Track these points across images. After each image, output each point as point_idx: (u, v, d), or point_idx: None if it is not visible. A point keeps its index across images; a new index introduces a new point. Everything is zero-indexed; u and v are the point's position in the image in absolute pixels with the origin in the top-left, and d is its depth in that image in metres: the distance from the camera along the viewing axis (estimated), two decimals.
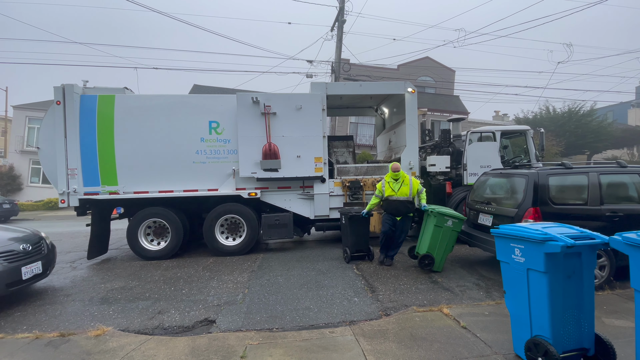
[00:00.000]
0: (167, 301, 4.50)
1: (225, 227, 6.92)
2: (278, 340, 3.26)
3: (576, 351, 2.55)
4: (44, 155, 6.42)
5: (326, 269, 5.69)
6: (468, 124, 20.73)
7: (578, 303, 2.56)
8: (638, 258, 2.19)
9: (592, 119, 23.56)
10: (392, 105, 8.94)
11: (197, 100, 6.85)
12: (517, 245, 2.70)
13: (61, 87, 6.30)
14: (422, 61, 25.35)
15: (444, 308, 3.85)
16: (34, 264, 4.56)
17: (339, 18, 14.60)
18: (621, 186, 4.87)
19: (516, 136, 8.04)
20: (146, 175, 6.55)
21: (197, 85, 21.65)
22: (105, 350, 3.15)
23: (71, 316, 4.12)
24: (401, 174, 5.67)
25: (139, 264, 6.37)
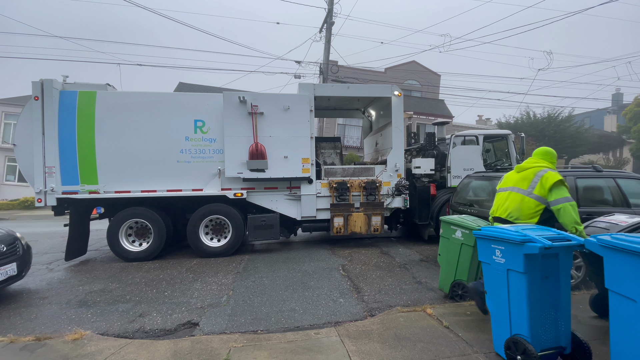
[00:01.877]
0: (149, 304, 4.40)
1: (210, 228, 6.82)
2: (263, 342, 3.24)
3: (553, 349, 2.64)
4: (20, 153, 6.18)
5: (312, 270, 5.68)
6: (452, 127, 21.14)
7: (555, 303, 2.64)
8: (612, 259, 2.28)
9: (570, 125, 24.45)
10: (379, 108, 9.03)
11: (183, 99, 6.74)
12: (497, 247, 2.77)
13: (39, 82, 6.08)
14: (408, 65, 25.71)
15: (427, 308, 3.91)
16: (9, 266, 4.38)
17: (327, 20, 14.66)
18: (597, 190, 5.06)
19: (498, 140, 8.25)
20: (128, 174, 6.39)
21: (182, 83, 21.30)
22: (83, 355, 3.05)
23: (47, 319, 3.97)
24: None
25: (120, 266, 6.21)
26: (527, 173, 3.44)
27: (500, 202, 3.59)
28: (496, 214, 3.60)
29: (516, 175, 3.53)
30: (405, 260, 6.27)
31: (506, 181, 3.66)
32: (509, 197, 3.49)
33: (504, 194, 3.59)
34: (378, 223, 7.17)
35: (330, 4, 14.43)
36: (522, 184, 3.41)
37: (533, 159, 3.55)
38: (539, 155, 3.58)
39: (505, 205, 3.48)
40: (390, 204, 7.45)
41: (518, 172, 3.55)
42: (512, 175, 3.62)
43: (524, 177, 3.43)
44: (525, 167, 3.51)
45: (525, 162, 3.58)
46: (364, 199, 7.24)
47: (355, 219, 7.09)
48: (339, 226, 7.06)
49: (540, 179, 3.28)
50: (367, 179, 7.31)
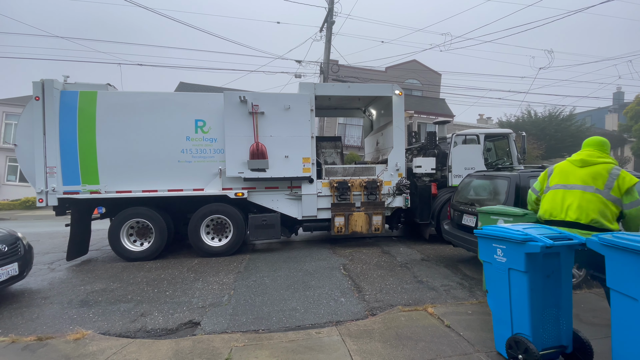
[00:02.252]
0: (150, 303, 4.40)
1: (211, 228, 6.83)
2: (264, 341, 3.24)
3: (555, 348, 2.63)
4: (21, 153, 6.19)
5: (313, 270, 5.69)
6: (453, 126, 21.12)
7: (557, 302, 2.64)
8: (613, 258, 2.28)
9: (571, 124, 24.41)
10: (379, 107, 9.02)
11: (183, 98, 6.74)
12: (499, 246, 2.77)
13: (40, 82, 6.09)
14: (409, 64, 25.68)
15: (428, 307, 3.91)
16: (10, 266, 4.39)
17: (328, 19, 14.64)
18: None
19: (499, 139, 8.24)
20: (129, 174, 6.40)
21: (183, 82, 21.31)
22: (84, 354, 3.06)
23: (49, 319, 3.98)
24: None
25: (121, 266, 6.22)
26: (598, 169, 2.92)
27: (558, 202, 3.02)
28: (558, 216, 3.00)
29: (581, 171, 2.98)
30: (406, 259, 6.27)
31: (565, 176, 3.05)
32: (578, 196, 2.92)
33: (563, 192, 3.01)
34: (379, 222, 7.17)
35: (331, 3, 14.42)
36: (595, 182, 2.89)
37: (595, 152, 3.03)
38: (597, 146, 3.07)
39: (575, 206, 2.92)
40: (391, 203, 7.45)
41: (581, 166, 3.00)
42: (572, 169, 3.05)
43: (594, 174, 2.91)
44: (591, 162, 2.97)
45: (584, 154, 3.06)
46: (365, 198, 7.24)
47: (356, 218, 7.09)
48: (340, 226, 7.06)
49: (617, 179, 2.86)
50: (368, 179, 7.31)
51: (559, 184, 3.09)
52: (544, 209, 3.18)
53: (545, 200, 3.19)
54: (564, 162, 3.18)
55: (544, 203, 3.20)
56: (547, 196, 3.17)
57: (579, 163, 3.04)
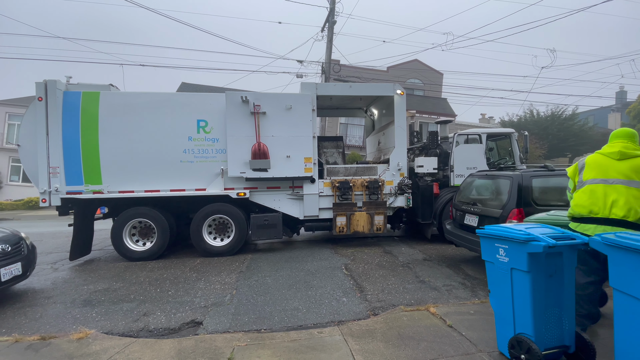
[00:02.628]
0: (153, 303, 4.42)
1: (213, 228, 6.84)
2: (266, 341, 3.25)
3: (557, 348, 2.63)
4: (24, 153, 6.23)
5: (315, 270, 5.69)
6: (455, 126, 21.09)
7: (559, 302, 2.63)
8: (616, 258, 2.27)
9: (573, 123, 24.32)
10: (381, 107, 9.01)
11: (185, 99, 6.76)
12: (501, 245, 2.76)
13: (43, 82, 6.12)
14: (411, 64, 25.64)
15: (430, 307, 3.90)
16: (14, 265, 4.42)
17: (329, 19, 14.64)
18: None
19: (501, 139, 8.22)
20: (132, 174, 6.42)
21: (185, 83, 21.37)
22: (88, 354, 3.07)
23: (52, 319, 4.00)
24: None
25: (124, 265, 6.24)
26: (637, 162, 2.73)
27: (600, 198, 2.76)
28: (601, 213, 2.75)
29: (620, 164, 2.75)
30: (408, 259, 6.27)
31: (603, 170, 2.81)
32: (623, 191, 2.69)
33: (604, 187, 2.75)
34: (381, 222, 7.16)
35: (332, 3, 14.41)
36: (636, 176, 2.68)
37: (629, 144, 2.84)
38: (630, 138, 2.89)
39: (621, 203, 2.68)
40: (393, 203, 7.44)
41: (619, 159, 2.78)
42: (609, 162, 2.82)
43: (637, 168, 2.70)
44: (630, 154, 2.76)
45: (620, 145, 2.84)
46: (367, 198, 7.23)
47: (358, 218, 7.09)
48: (342, 225, 7.06)
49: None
50: (370, 178, 7.30)
51: (597, 178, 2.82)
52: (580, 205, 2.88)
53: (580, 196, 2.90)
54: (597, 155, 2.95)
55: (578, 199, 2.90)
56: (583, 191, 2.89)
57: (617, 155, 2.80)
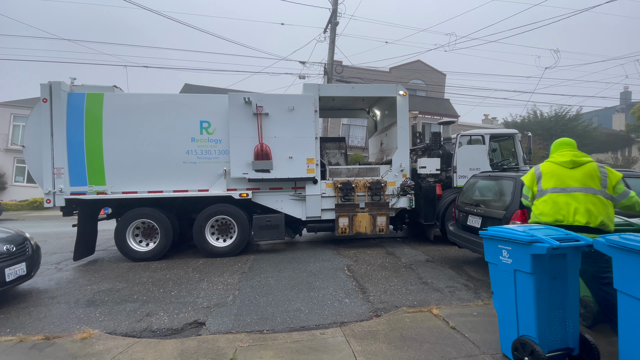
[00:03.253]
0: (156, 303, 4.44)
1: (215, 228, 6.86)
2: (268, 342, 3.25)
3: (561, 351, 2.61)
4: (29, 154, 6.28)
5: (317, 270, 5.69)
6: (458, 127, 21.03)
7: (563, 303, 2.62)
8: (620, 259, 2.26)
9: (577, 124, 24.20)
10: (383, 108, 9.01)
11: (188, 100, 6.79)
12: (504, 247, 2.75)
13: (48, 84, 6.17)
14: (413, 64, 25.61)
15: (433, 309, 3.89)
16: (18, 265, 4.45)
17: (332, 20, 14.66)
18: None
19: (505, 139, 8.18)
20: (135, 175, 6.45)
21: (188, 84, 21.48)
22: (91, 354, 3.09)
23: (56, 319, 4.03)
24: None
25: (127, 266, 6.27)
26: (589, 169, 2.92)
27: (562, 206, 2.93)
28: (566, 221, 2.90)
29: (574, 172, 2.95)
30: (410, 260, 6.25)
31: (560, 179, 2.99)
32: (582, 199, 2.87)
33: (564, 196, 2.93)
34: (383, 223, 7.15)
35: (335, 4, 14.43)
36: (593, 183, 2.89)
37: (576, 151, 3.07)
38: (574, 145, 3.13)
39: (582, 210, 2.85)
40: (395, 204, 7.42)
41: (572, 167, 2.97)
42: (563, 170, 3.00)
43: (590, 174, 2.90)
44: (580, 162, 2.96)
45: (570, 154, 3.04)
46: (369, 199, 7.23)
47: (360, 219, 7.08)
48: (344, 226, 7.05)
49: (607, 177, 2.91)
50: (372, 179, 7.29)
51: (556, 187, 3.00)
52: (545, 214, 3.02)
53: (543, 205, 3.05)
54: (550, 164, 3.13)
55: (542, 208, 3.06)
56: (546, 201, 3.05)
57: (570, 164, 3.00)
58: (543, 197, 3.07)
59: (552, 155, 3.20)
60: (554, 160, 3.11)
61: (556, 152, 3.18)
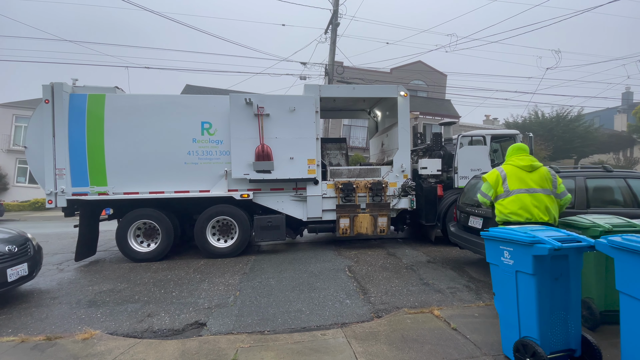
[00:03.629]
0: (157, 304, 4.44)
1: (216, 229, 6.87)
2: (269, 342, 3.25)
3: (563, 352, 2.60)
4: (31, 155, 6.30)
5: (318, 271, 5.68)
6: (459, 127, 21.01)
7: (565, 305, 2.61)
8: (623, 261, 2.25)
9: (579, 124, 24.11)
10: (384, 109, 9.01)
11: (190, 101, 6.80)
12: (506, 248, 2.74)
13: (50, 85, 6.19)
14: (414, 65, 25.62)
15: (434, 310, 3.88)
16: (20, 266, 4.46)
17: (332, 21, 14.67)
18: (607, 190, 4.98)
19: (506, 140, 8.17)
20: (136, 175, 6.47)
21: (189, 85, 21.52)
22: (92, 354, 3.09)
23: (58, 319, 4.03)
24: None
25: (128, 266, 6.28)
26: (543, 173, 3.33)
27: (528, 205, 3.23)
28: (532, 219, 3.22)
29: (533, 175, 3.31)
30: (412, 261, 6.24)
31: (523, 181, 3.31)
32: (543, 199, 3.23)
33: (529, 196, 3.25)
34: (384, 224, 7.14)
35: (336, 5, 14.45)
36: (548, 184, 3.30)
37: (530, 156, 3.45)
38: (528, 151, 3.53)
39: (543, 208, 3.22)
40: (396, 204, 7.42)
41: (530, 171, 3.34)
42: (523, 174, 3.33)
43: (544, 177, 3.31)
44: (536, 166, 3.37)
45: (528, 159, 3.41)
46: (370, 199, 7.22)
47: (361, 219, 7.08)
48: (345, 227, 7.05)
49: (556, 179, 3.37)
50: (373, 180, 7.29)
51: (522, 188, 3.31)
52: (515, 213, 3.29)
53: (512, 204, 3.32)
54: (512, 167, 3.42)
55: (511, 207, 3.32)
56: (514, 200, 3.32)
57: (529, 168, 3.37)
58: (510, 197, 3.34)
59: (510, 158, 3.53)
60: (515, 164, 3.42)
61: (514, 156, 3.51)
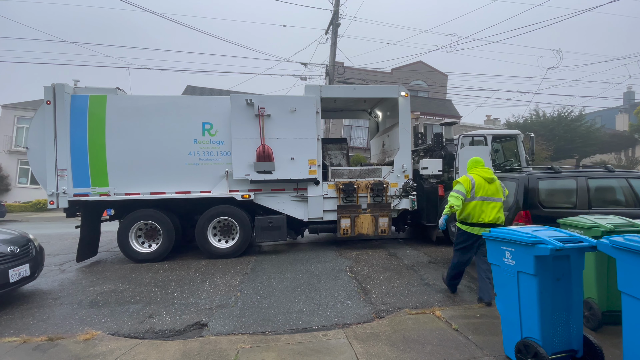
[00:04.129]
0: (158, 304, 4.44)
1: (217, 230, 6.87)
2: (271, 343, 3.25)
3: (565, 353, 2.59)
4: (33, 156, 6.31)
5: (319, 272, 5.68)
6: (460, 127, 20.97)
7: (567, 305, 2.60)
8: (625, 261, 2.24)
9: (580, 124, 24.04)
10: (385, 109, 9.00)
11: (191, 102, 6.81)
12: (507, 248, 2.74)
13: (51, 86, 6.21)
14: (415, 65, 25.61)
15: (436, 310, 3.88)
16: (22, 267, 4.47)
17: (333, 21, 14.68)
18: (609, 190, 4.97)
19: (507, 140, 8.15)
20: (138, 176, 6.47)
21: (190, 86, 21.55)
22: (94, 355, 3.10)
23: (59, 320, 4.04)
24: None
25: (130, 267, 6.29)
26: (497, 184, 4.15)
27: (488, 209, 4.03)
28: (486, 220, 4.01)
29: (492, 186, 4.10)
30: (413, 261, 6.24)
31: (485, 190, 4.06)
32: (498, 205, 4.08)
33: (488, 203, 4.05)
34: (385, 224, 7.14)
35: (336, 5, 14.45)
36: (501, 194, 4.14)
37: (489, 170, 4.20)
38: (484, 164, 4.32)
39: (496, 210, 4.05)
40: (397, 205, 7.41)
41: (490, 182, 4.09)
42: (485, 184, 4.08)
43: (499, 188, 4.15)
44: (494, 179, 4.16)
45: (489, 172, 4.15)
46: (371, 200, 7.22)
47: (362, 220, 7.07)
48: (346, 227, 7.05)
49: (505, 189, 4.26)
50: (374, 180, 7.29)
51: (484, 196, 4.06)
52: (472, 214, 4.07)
53: (475, 207, 4.06)
54: (478, 177, 4.11)
55: (472, 209, 4.07)
56: (477, 204, 4.05)
57: (490, 180, 4.11)
58: (473, 202, 4.06)
59: (475, 169, 4.21)
60: (482, 175, 4.12)
61: (478, 168, 4.22)
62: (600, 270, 3.31)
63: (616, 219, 3.47)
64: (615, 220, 3.44)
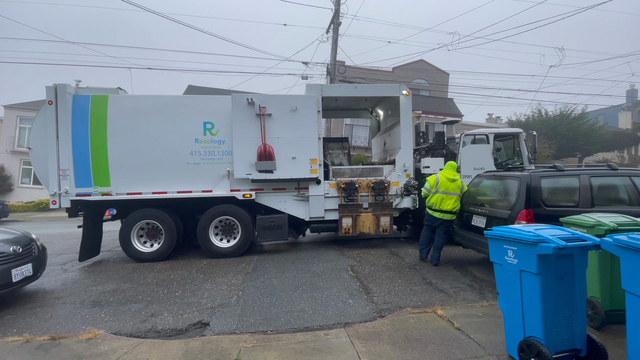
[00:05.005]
0: (160, 304, 4.45)
1: (219, 229, 6.88)
2: (272, 342, 3.25)
3: (568, 352, 2.58)
4: (35, 156, 6.33)
5: (321, 271, 5.68)
6: (462, 126, 20.91)
7: (570, 304, 2.59)
8: (629, 260, 2.23)
9: (583, 122, 23.95)
10: (387, 108, 8.98)
11: (192, 101, 6.81)
12: (510, 247, 2.73)
13: (53, 86, 6.22)
14: (416, 64, 25.52)
15: (438, 309, 3.87)
16: (25, 266, 4.49)
17: (334, 20, 14.65)
18: (612, 188, 4.94)
19: (509, 139, 8.12)
20: (139, 176, 6.49)
21: (191, 85, 21.55)
22: (96, 354, 3.11)
23: (62, 319, 4.06)
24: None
25: (132, 266, 6.30)
26: (458, 183, 5.70)
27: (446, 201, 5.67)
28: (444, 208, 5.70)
29: (452, 184, 5.66)
30: (414, 261, 6.22)
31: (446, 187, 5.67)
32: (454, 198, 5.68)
33: (447, 196, 5.67)
34: (387, 223, 7.12)
35: (337, 4, 14.42)
36: (458, 190, 5.69)
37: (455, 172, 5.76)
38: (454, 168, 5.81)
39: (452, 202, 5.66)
40: (399, 204, 7.40)
41: (451, 181, 5.65)
42: (447, 182, 5.66)
43: (458, 186, 5.69)
44: (456, 179, 5.70)
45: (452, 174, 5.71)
46: (373, 199, 7.21)
47: (364, 219, 7.06)
48: (348, 227, 7.04)
49: (463, 187, 5.79)
50: (376, 179, 7.27)
51: (444, 191, 5.69)
52: (435, 203, 5.76)
53: (437, 198, 5.74)
54: (443, 177, 5.72)
55: (436, 199, 5.76)
56: (438, 196, 5.73)
57: (452, 180, 5.68)
58: (437, 195, 5.74)
59: (443, 171, 5.86)
60: (446, 175, 5.72)
61: (446, 170, 5.80)
62: (604, 269, 3.29)
63: (620, 218, 3.45)
64: (618, 218, 3.42)
